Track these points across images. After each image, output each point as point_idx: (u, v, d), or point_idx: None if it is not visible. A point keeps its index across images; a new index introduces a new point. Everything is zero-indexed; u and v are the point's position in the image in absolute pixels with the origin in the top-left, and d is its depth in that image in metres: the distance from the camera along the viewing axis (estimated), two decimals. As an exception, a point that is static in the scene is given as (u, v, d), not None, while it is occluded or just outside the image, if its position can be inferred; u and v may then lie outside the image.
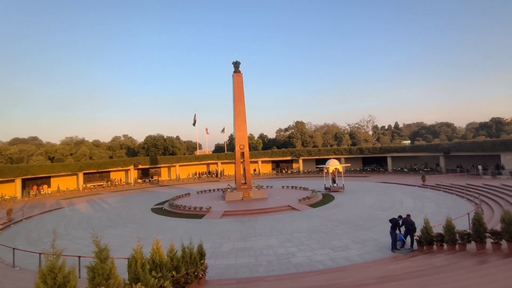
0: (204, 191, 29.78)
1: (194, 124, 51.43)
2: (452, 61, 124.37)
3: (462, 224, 11.86)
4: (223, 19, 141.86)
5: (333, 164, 26.88)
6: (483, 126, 75.90)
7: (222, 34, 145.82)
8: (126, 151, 68.46)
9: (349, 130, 79.79)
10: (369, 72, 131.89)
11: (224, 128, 54.96)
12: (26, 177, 34.98)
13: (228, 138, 75.81)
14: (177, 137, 75.42)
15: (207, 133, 54.48)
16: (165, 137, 64.41)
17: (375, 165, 44.70)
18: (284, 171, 49.97)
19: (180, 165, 47.73)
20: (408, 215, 11.41)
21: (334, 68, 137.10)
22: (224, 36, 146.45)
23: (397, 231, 11.13)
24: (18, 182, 34.27)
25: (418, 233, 10.93)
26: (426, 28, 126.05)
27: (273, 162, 52.61)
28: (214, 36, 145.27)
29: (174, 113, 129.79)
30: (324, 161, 32.32)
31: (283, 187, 29.61)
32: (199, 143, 68.96)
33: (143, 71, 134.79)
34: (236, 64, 25.57)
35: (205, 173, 49.96)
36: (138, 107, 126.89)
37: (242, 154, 25.03)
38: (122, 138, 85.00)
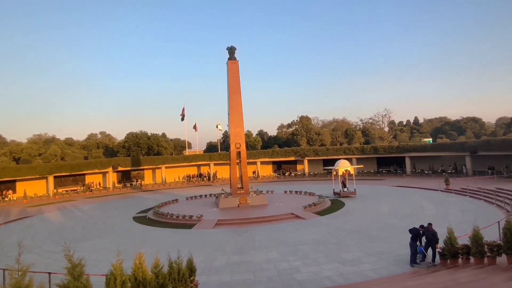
0: (194, 196, 29.79)
1: (182, 119, 51.50)
2: (479, 49, 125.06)
3: (491, 234, 11.89)
4: (215, 1, 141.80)
5: (343, 166, 27.00)
6: (515, 121, 76.43)
7: (214, 18, 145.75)
8: (104, 150, 68.41)
9: (361, 126, 79.91)
10: (385, 61, 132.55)
11: (218, 124, 55.01)
12: (-14, 181, 35.01)
13: (222, 136, 75.74)
14: (163, 135, 75.30)
15: (196, 130, 54.44)
16: (149, 134, 64.28)
17: (394, 166, 44.89)
18: (286, 174, 50.24)
19: (166, 167, 47.93)
20: (430, 224, 11.44)
21: (343, 57, 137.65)
22: (217, 21, 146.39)
23: (417, 243, 11.14)
24: (-22, 187, 34.31)
25: (440, 244, 10.92)
26: (449, 13, 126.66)
27: (274, 163, 52.79)
28: (205, 21, 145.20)
29: (159, 107, 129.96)
30: (332, 162, 32.33)
31: (285, 192, 29.73)
32: (188, 142, 68.86)
33: (124, 60, 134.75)
34: (231, 50, 25.61)
35: (196, 176, 50.14)
36: (118, 101, 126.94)
37: (238, 154, 25.08)
38: (99, 136, 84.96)
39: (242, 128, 25.14)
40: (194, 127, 54.15)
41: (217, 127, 55.53)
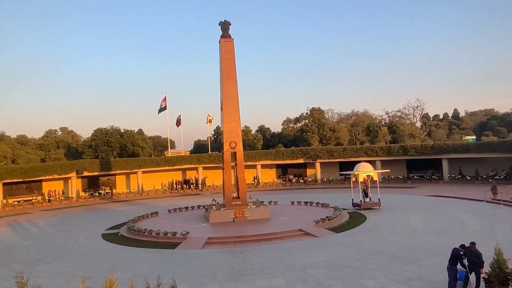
0: (179, 208, 29.85)
1: (161, 111, 51.28)
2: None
3: (550, 256, 11.89)
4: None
5: (365, 170, 27.07)
6: None
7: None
8: (66, 151, 68.52)
9: (387, 121, 79.99)
10: (415, 41, 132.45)
11: (208, 118, 54.85)
12: None
13: (213, 133, 75.74)
14: (140, 132, 75.37)
15: (178, 125, 54.40)
16: (122, 131, 64.35)
17: (431, 171, 45.06)
18: (294, 180, 50.41)
19: (143, 172, 48.17)
20: (472, 243, 11.37)
21: (363, 37, 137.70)
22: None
23: (457, 266, 11.10)
24: None
25: (486, 269, 10.83)
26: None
27: (278, 166, 52.98)
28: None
29: (135, 98, 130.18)
30: (351, 165, 32.20)
31: (292, 202, 29.71)
32: (171, 140, 68.94)
33: (91, 41, 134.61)
34: (225, 26, 25.67)
35: (180, 182, 50.31)
36: (83, 89, 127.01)
37: (234, 155, 25.11)
38: (60, 133, 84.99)
39: (238, 123, 25.18)
40: (178, 121, 54.23)
41: (207, 122, 55.41)
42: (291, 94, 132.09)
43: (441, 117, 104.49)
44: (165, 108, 50.98)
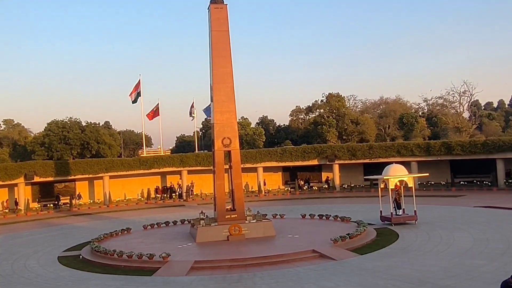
0: (157, 224, 29.91)
1: (135, 101, 51.63)
2: None
3: None
4: None
5: (397, 173, 26.91)
6: None
7: None
8: (11, 150, 68.36)
9: (426, 111, 79.81)
10: (464, 5, 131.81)
11: (193, 107, 54.64)
12: None
13: (201, 126, 75.57)
14: (107, 125, 75.26)
15: (152, 117, 54.31)
16: (84, 124, 64.23)
17: (492, 176, 44.61)
18: (305, 187, 50.53)
19: (111, 177, 48.18)
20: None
21: (391, 8, 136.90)
22: None
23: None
24: None
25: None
26: None
27: (285, 169, 53.12)
28: None
29: (101, 84, 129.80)
30: (379, 167, 32.28)
31: (303, 216, 29.88)
32: (146, 136, 68.93)
33: (42, 15, 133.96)
34: (215, -14, 25.59)
35: (160, 190, 50.55)
36: (34, 72, 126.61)
37: (228, 155, 25.22)
38: (3, 127, 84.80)
39: (234, 113, 25.23)
40: (155, 112, 54.14)
41: (191, 113, 55.26)
42: (302, 77, 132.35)
43: (495, 105, 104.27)
44: (139, 95, 51.11)
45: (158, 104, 54.56)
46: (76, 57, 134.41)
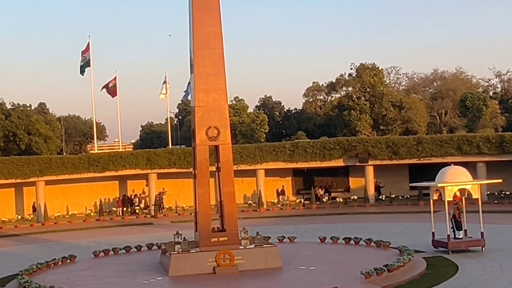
0: (114, 250, 26.88)
1: (82, 71, 47.16)
2: None
3: None
4: None
5: (456, 179, 23.63)
6: None
7: None
8: None
9: (499, 90, 71.29)
10: None
11: (166, 83, 49.49)
12: None
13: (177, 111, 68.70)
14: (42, 109, 69.41)
15: (112, 95, 49.11)
16: (9, 107, 58.45)
17: None
18: (325, 198, 45.22)
19: (48, 182, 43.05)
20: None
21: None
22: None
23: None
24: None
25: None
26: None
27: (296, 173, 48.18)
28: None
29: (33, 51, 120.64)
30: (431, 170, 28.83)
31: (322, 239, 26.81)
32: (98, 124, 63.82)
33: None
34: None
35: (119, 202, 44.45)
36: None
37: (215, 151, 22.63)
38: None
39: (224, 92, 22.53)
40: (112, 88, 49.15)
41: (161, 92, 50.13)
42: (322, 40, 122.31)
43: None
44: (88, 65, 46.29)
45: (115, 78, 49.11)
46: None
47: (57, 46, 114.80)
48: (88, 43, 46.15)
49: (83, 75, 46.50)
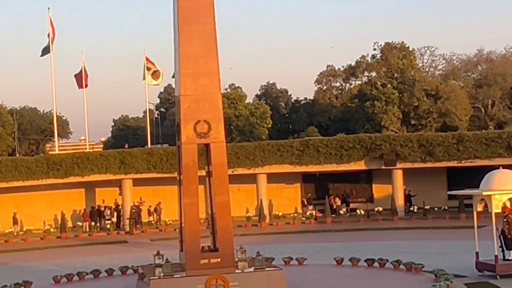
0: (80, 274, 24.90)
1: (44, 53, 44.68)
2: None
3: None
4: None
5: (506, 186, 21.72)
6: None
7: None
8: None
9: None
10: None
11: (150, 62, 46.76)
12: None
13: (158, 102, 63.93)
14: None
15: (83, 86, 46.36)
16: None
17: None
18: (342, 210, 41.88)
19: None
20: None
21: None
22: None
23: None
24: None
25: None
26: None
27: (306, 178, 44.84)
28: None
29: None
30: (475, 175, 26.90)
31: (338, 261, 24.68)
32: (60, 118, 59.80)
33: None
34: None
35: (86, 215, 41.07)
36: None
37: (206, 152, 21.35)
38: None
39: (216, 78, 20.73)
40: (80, 75, 46.47)
41: (144, 76, 47.01)
42: (337, 16, 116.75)
43: None
44: (50, 44, 43.58)
45: (83, 64, 46.04)
46: None
47: (8, 21, 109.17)
48: (50, 18, 42.56)
49: (44, 55, 43.55)
